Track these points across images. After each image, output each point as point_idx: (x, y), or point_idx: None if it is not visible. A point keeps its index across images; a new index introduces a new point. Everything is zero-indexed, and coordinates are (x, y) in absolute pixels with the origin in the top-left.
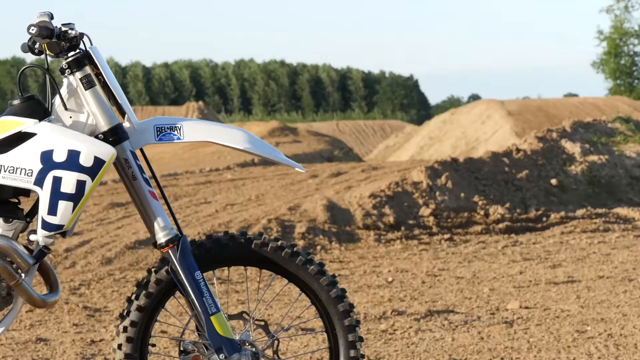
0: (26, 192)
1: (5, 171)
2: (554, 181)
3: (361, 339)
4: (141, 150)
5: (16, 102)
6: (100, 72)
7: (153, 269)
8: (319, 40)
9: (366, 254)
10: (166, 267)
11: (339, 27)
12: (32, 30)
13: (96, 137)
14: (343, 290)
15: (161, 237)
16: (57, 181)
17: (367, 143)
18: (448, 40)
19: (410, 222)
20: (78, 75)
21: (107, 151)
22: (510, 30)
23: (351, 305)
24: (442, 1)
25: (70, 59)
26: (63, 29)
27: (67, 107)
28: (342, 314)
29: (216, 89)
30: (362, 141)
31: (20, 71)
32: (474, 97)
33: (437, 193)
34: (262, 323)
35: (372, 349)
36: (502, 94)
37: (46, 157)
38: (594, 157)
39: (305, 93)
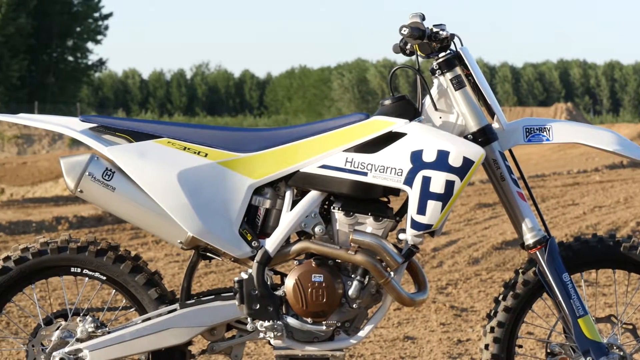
0: (395, 191)
1: (375, 170)
2: None
3: None
4: (510, 151)
5: (387, 102)
6: (470, 73)
7: (520, 270)
8: None
9: None
10: (534, 269)
11: None
12: (404, 31)
13: (465, 137)
14: None
15: (529, 238)
16: (426, 181)
17: None
18: None
19: None
20: (448, 75)
21: (476, 152)
22: None
23: None
24: None
25: (440, 60)
26: (434, 30)
27: (437, 107)
28: None
29: (585, 90)
30: None
31: (392, 72)
32: None
33: None
34: (630, 327)
35: None
36: None
37: (416, 157)
38: None
39: None
